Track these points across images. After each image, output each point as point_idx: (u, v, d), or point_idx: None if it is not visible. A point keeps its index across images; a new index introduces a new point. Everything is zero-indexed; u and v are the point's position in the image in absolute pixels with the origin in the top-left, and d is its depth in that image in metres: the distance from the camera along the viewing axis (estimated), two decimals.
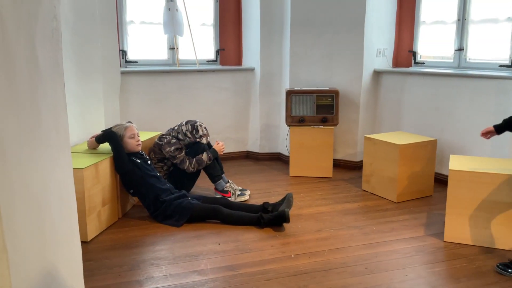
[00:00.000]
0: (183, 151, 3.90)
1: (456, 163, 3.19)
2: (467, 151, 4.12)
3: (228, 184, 4.02)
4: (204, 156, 3.89)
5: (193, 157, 3.88)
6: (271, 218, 3.35)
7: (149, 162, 3.64)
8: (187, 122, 3.97)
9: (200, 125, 3.96)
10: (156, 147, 3.93)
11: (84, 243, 2.96)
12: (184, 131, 3.92)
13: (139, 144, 3.57)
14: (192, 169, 3.88)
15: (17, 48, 1.29)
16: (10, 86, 1.26)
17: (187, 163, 3.86)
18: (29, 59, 1.38)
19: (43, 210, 1.48)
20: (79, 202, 1.83)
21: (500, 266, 2.72)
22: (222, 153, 4.06)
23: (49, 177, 1.53)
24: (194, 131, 3.92)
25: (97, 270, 2.73)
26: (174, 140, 3.89)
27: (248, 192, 4.06)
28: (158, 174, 3.63)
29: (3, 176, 1.19)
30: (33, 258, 1.38)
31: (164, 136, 3.94)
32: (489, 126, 2.89)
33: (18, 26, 1.28)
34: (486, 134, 2.92)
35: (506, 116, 2.83)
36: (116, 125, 3.58)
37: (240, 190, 4.04)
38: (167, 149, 3.86)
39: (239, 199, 3.94)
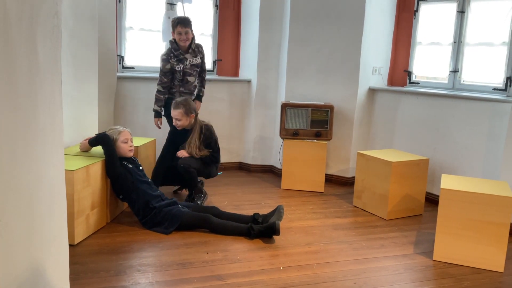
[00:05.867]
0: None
1: (447, 182, 3.21)
2: (459, 172, 4.14)
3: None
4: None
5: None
6: (261, 229, 3.33)
7: (140, 167, 3.61)
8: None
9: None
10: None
11: (71, 246, 2.92)
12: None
13: (131, 150, 3.54)
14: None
15: (19, 41, 1.28)
16: (9, 79, 1.25)
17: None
18: (30, 53, 1.37)
19: (34, 206, 1.45)
20: (68, 204, 1.81)
21: None
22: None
23: (42, 173, 1.51)
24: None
25: (83, 274, 2.69)
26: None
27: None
28: (150, 180, 3.60)
29: None
30: (21, 253, 1.35)
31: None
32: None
33: (20, 19, 1.27)
34: None
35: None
36: (110, 129, 3.56)
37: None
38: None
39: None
